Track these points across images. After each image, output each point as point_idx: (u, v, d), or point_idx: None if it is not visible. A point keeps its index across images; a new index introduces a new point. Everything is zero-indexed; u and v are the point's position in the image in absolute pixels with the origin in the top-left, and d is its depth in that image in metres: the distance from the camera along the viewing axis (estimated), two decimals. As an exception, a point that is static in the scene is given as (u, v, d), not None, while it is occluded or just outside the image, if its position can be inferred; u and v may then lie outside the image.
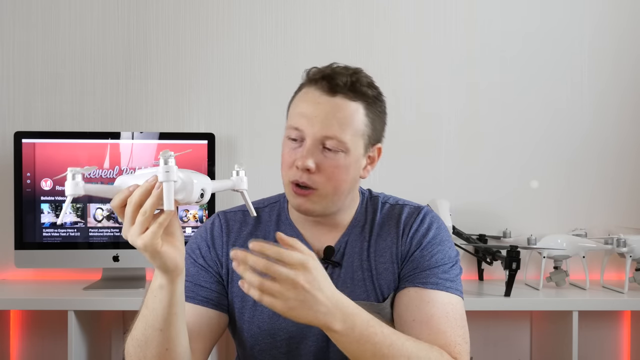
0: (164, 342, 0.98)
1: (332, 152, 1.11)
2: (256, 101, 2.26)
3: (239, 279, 1.17)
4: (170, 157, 0.88)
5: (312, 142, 1.10)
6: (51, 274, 2.21)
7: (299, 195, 1.12)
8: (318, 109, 1.11)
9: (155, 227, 0.89)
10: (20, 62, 2.23)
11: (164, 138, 2.09)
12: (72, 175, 0.91)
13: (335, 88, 1.11)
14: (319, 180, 1.11)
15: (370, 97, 1.14)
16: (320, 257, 1.17)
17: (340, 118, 1.10)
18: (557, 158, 2.29)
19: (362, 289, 1.17)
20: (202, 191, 0.93)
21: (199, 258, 1.20)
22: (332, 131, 1.10)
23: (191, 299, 1.15)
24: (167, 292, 0.96)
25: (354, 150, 1.13)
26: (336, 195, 1.14)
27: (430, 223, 1.19)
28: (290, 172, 1.13)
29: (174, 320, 0.98)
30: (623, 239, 2.03)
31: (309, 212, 1.14)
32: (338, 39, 2.27)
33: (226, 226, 1.22)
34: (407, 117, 2.27)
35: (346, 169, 1.12)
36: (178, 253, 0.95)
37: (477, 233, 2.21)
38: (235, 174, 1.02)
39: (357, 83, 1.12)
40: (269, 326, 1.17)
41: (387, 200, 1.25)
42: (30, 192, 2.03)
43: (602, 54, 2.30)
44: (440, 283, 1.13)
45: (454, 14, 2.29)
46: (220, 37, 2.26)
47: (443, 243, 1.19)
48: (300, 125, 1.11)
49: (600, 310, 2.16)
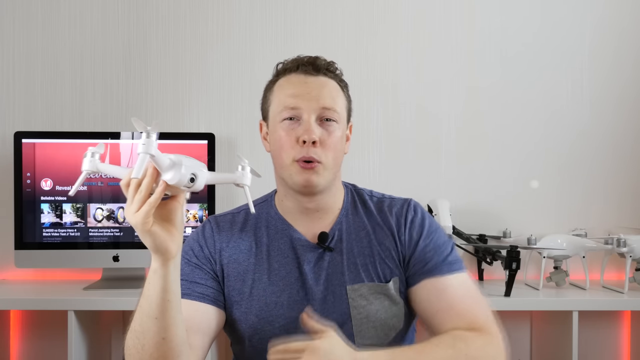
0: (160, 330, 1.01)
1: (329, 124, 1.19)
2: (256, 101, 2.23)
3: (234, 273, 1.23)
4: (153, 131, 0.91)
5: (311, 117, 1.18)
6: (51, 274, 2.21)
7: (306, 169, 1.18)
8: (309, 86, 1.20)
9: (146, 206, 0.93)
10: (20, 62, 2.23)
11: (164, 138, 2.09)
12: (91, 153, 0.99)
13: (318, 68, 1.22)
14: (321, 152, 1.18)
15: (341, 78, 1.26)
16: (315, 243, 1.23)
17: (330, 91, 1.21)
18: (557, 158, 2.29)
19: (366, 273, 1.22)
20: (192, 175, 0.95)
21: (193, 257, 1.24)
22: (328, 102, 1.19)
23: (187, 295, 1.18)
24: (160, 277, 0.99)
25: (342, 122, 1.22)
26: (335, 166, 1.21)
27: (422, 213, 1.27)
28: (293, 150, 1.18)
29: (169, 308, 1.01)
30: (623, 239, 2.03)
31: (315, 185, 1.19)
32: (338, 39, 2.27)
33: (217, 227, 1.27)
34: (407, 117, 2.28)
35: (341, 140, 1.21)
36: (170, 238, 0.98)
37: (477, 233, 2.21)
38: (240, 169, 1.03)
39: (331, 66, 1.24)
40: (266, 314, 1.20)
41: (372, 194, 1.32)
42: (30, 192, 2.03)
43: (602, 53, 2.30)
44: (450, 267, 1.20)
45: (453, 14, 2.29)
46: (220, 37, 2.26)
47: (438, 230, 1.27)
48: (296, 104, 1.18)
49: (600, 310, 2.16)
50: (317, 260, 1.22)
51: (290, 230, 1.24)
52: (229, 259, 1.24)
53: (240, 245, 1.24)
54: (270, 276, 1.22)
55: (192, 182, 0.95)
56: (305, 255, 1.22)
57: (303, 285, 1.21)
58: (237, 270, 1.23)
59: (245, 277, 1.22)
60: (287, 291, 1.20)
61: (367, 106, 2.26)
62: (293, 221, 1.25)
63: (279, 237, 1.24)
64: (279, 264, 1.22)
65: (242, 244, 1.25)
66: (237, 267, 1.23)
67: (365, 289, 1.20)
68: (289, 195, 1.24)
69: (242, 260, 1.23)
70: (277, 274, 1.22)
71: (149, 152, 0.90)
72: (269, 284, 1.21)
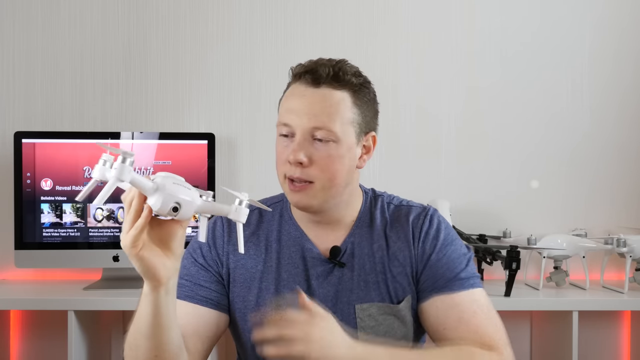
0: (152, 349, 0.98)
1: (323, 143, 1.10)
2: (256, 101, 2.26)
3: (240, 279, 1.18)
4: (129, 156, 0.84)
5: (302, 135, 1.10)
6: (51, 274, 2.21)
7: (294, 191, 1.12)
8: (304, 101, 1.11)
9: (134, 230, 0.88)
10: (20, 62, 2.23)
11: (164, 138, 2.09)
12: (103, 161, 0.85)
13: (318, 79, 1.11)
14: (314, 173, 1.11)
15: (355, 85, 1.13)
16: (326, 257, 1.17)
17: (326, 107, 1.10)
18: (557, 158, 2.29)
19: (376, 292, 1.16)
20: (175, 205, 0.87)
21: (200, 257, 1.19)
22: (320, 121, 1.10)
23: (190, 298, 1.15)
24: (150, 301, 0.94)
25: (345, 139, 1.12)
26: (333, 187, 1.12)
27: (438, 224, 1.19)
28: (284, 168, 1.13)
29: (160, 331, 0.96)
30: (623, 239, 2.03)
31: (307, 207, 1.13)
32: (338, 39, 2.27)
33: (227, 227, 1.21)
34: (407, 117, 2.27)
35: (340, 159, 1.12)
36: (162, 264, 0.92)
37: (477, 233, 2.21)
38: (238, 203, 0.93)
39: (341, 72, 1.12)
40: None
41: (391, 201, 1.24)
42: (30, 192, 2.03)
43: (602, 54, 2.30)
44: (464, 283, 1.14)
45: (454, 14, 2.29)
46: (220, 37, 2.26)
47: (454, 242, 1.19)
48: (289, 121, 1.12)
49: (600, 310, 2.16)
50: (326, 275, 1.16)
51: (303, 239, 1.19)
52: (237, 263, 1.19)
53: (250, 250, 1.19)
54: (277, 286, 1.17)
55: (175, 211, 0.87)
56: (315, 269, 1.17)
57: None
58: (244, 276, 1.18)
59: (252, 284, 1.18)
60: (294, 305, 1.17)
61: (367, 106, 2.26)
62: (306, 228, 1.19)
63: (291, 244, 1.19)
64: (288, 274, 1.17)
65: (252, 248, 1.19)
66: (245, 273, 1.18)
67: (374, 309, 1.15)
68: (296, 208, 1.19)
69: (250, 266, 1.18)
70: (286, 285, 1.17)
71: (119, 179, 0.83)
72: (275, 295, 1.16)
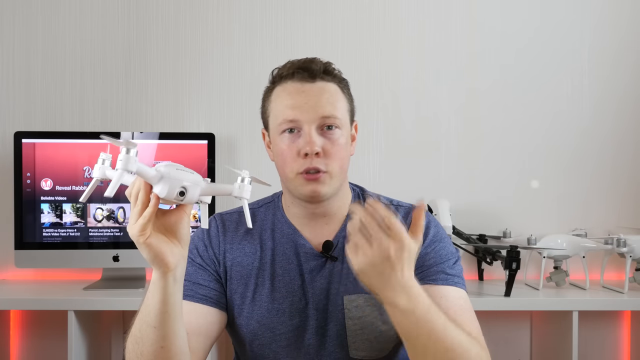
0: (159, 339, 0.99)
1: (331, 132, 1.15)
2: (256, 101, 2.22)
3: (237, 276, 1.21)
4: (132, 146, 0.87)
5: (311, 127, 1.14)
6: (51, 274, 2.21)
7: (311, 181, 1.14)
8: (306, 95, 1.15)
9: (142, 219, 0.91)
10: (20, 62, 2.23)
11: (164, 138, 2.09)
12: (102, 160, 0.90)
13: (314, 74, 1.16)
14: (326, 161, 1.15)
15: (340, 78, 1.21)
16: (319, 251, 1.21)
17: (328, 97, 1.16)
18: (557, 158, 2.29)
19: None
20: (182, 189, 0.91)
21: (197, 257, 1.22)
22: (328, 110, 1.15)
23: (189, 297, 1.17)
24: (159, 288, 0.96)
25: (345, 126, 1.18)
26: (342, 173, 1.17)
27: (428, 221, 1.22)
28: (296, 163, 1.15)
29: (167, 320, 0.98)
30: (623, 239, 2.03)
31: (321, 196, 1.16)
32: (338, 40, 2.27)
33: (222, 226, 1.25)
34: (407, 118, 2.28)
35: (345, 146, 1.17)
36: (169, 250, 0.95)
37: (477, 233, 2.21)
38: (240, 181, 0.98)
39: (328, 67, 1.19)
40: (268, 320, 1.19)
41: (379, 199, 1.25)
42: (30, 192, 2.03)
43: (602, 54, 2.30)
44: (449, 278, 1.16)
45: (453, 15, 2.29)
46: (220, 37, 2.26)
47: (443, 240, 1.22)
48: (294, 116, 1.14)
49: (600, 310, 2.16)
50: (319, 269, 1.20)
51: (296, 235, 1.22)
52: (233, 261, 1.22)
53: (245, 248, 1.23)
54: (273, 282, 1.20)
55: (182, 195, 0.91)
56: (308, 264, 1.20)
57: (305, 294, 1.19)
58: (240, 273, 1.22)
59: (248, 281, 1.21)
60: (290, 298, 1.19)
61: (368, 106, 2.26)
62: (299, 226, 1.23)
63: (285, 241, 1.23)
64: (282, 269, 1.21)
65: (247, 246, 1.23)
66: (241, 270, 1.22)
67: (362, 300, 1.18)
68: (296, 203, 1.22)
69: (246, 263, 1.22)
70: (281, 280, 1.20)
71: (126, 169, 0.87)
72: (271, 289, 1.20)
